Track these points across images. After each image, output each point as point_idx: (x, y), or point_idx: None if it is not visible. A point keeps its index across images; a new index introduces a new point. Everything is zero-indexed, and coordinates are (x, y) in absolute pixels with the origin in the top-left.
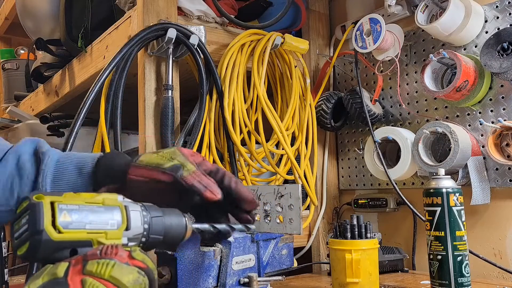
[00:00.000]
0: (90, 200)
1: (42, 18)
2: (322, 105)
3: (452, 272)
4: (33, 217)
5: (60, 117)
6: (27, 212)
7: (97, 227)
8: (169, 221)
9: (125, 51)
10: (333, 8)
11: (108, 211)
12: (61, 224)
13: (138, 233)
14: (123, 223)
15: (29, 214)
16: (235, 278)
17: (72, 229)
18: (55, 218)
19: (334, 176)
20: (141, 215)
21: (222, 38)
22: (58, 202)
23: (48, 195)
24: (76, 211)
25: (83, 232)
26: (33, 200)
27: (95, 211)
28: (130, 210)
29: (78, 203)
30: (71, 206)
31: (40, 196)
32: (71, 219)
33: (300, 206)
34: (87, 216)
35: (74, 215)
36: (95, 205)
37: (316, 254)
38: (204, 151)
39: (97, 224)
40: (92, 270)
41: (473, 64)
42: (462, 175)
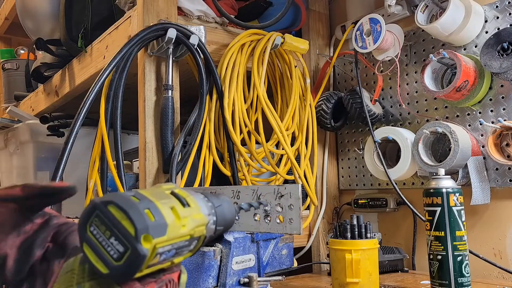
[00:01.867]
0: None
1: (42, 18)
2: (322, 105)
3: (452, 272)
4: (132, 263)
5: (60, 117)
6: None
7: (172, 260)
8: (226, 222)
9: (125, 51)
10: (333, 8)
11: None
12: (148, 266)
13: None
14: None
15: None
16: (235, 278)
17: (152, 267)
18: (147, 263)
19: (334, 176)
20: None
21: (222, 38)
22: (159, 246)
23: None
24: (166, 253)
25: (158, 267)
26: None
27: (180, 247)
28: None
29: (174, 241)
30: (166, 247)
31: (148, 239)
32: (158, 260)
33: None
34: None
35: (162, 257)
36: (183, 240)
37: (316, 254)
38: (204, 151)
39: (174, 258)
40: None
41: (473, 64)
42: (462, 175)
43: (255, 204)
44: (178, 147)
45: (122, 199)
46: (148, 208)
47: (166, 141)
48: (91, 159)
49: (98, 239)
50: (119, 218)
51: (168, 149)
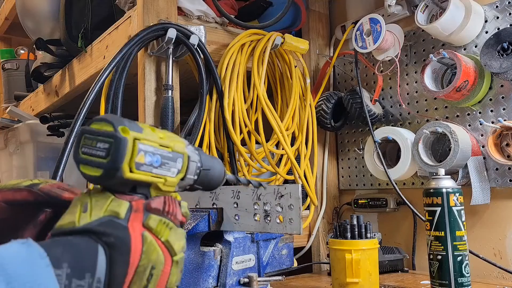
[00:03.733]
0: (163, 143)
1: (42, 18)
2: (322, 105)
3: (452, 272)
4: (115, 151)
5: (60, 117)
6: (109, 140)
7: (161, 173)
8: (213, 173)
9: (125, 51)
10: (333, 8)
11: (173, 158)
12: (136, 164)
13: (187, 183)
14: (181, 173)
15: (111, 145)
16: (235, 278)
17: (142, 170)
18: (132, 157)
19: (334, 176)
20: (196, 166)
21: (222, 38)
22: (138, 140)
23: (132, 130)
24: (150, 154)
25: (148, 175)
26: (119, 133)
27: (164, 156)
28: (191, 160)
29: (154, 145)
30: (148, 147)
31: (125, 129)
32: (144, 161)
33: (300, 206)
34: (157, 160)
35: (148, 158)
36: (165, 150)
37: (316, 254)
38: (204, 151)
39: (162, 170)
40: (152, 227)
41: (473, 64)
42: (462, 175)
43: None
44: None
45: (99, 116)
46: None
47: None
48: None
49: (89, 152)
50: (100, 127)
51: None
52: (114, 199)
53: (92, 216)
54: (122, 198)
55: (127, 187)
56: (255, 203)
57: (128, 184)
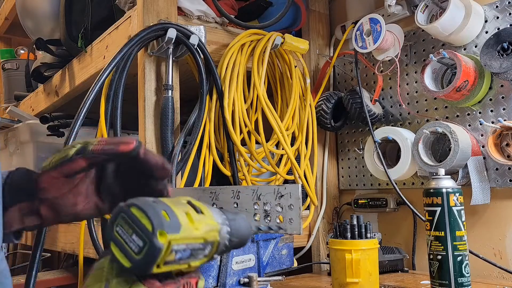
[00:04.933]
0: (197, 235)
1: (42, 18)
2: (322, 105)
3: (452, 272)
4: (149, 255)
5: (60, 117)
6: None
7: (187, 262)
8: (239, 241)
9: (125, 51)
10: (333, 8)
11: (204, 248)
12: (165, 262)
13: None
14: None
15: (146, 247)
16: (235, 278)
17: (169, 265)
18: (163, 258)
19: (334, 176)
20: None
21: (222, 38)
22: (173, 242)
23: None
24: (181, 251)
25: (175, 266)
26: (156, 239)
27: (195, 249)
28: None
29: (188, 241)
30: (181, 246)
31: (163, 234)
32: (174, 258)
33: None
34: (187, 255)
35: (178, 255)
36: (197, 243)
37: (316, 254)
38: (204, 151)
39: (189, 260)
40: None
41: (473, 64)
42: (462, 175)
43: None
44: (178, 147)
45: (143, 201)
46: (165, 210)
47: (166, 141)
48: None
49: (123, 237)
50: (139, 217)
51: (168, 149)
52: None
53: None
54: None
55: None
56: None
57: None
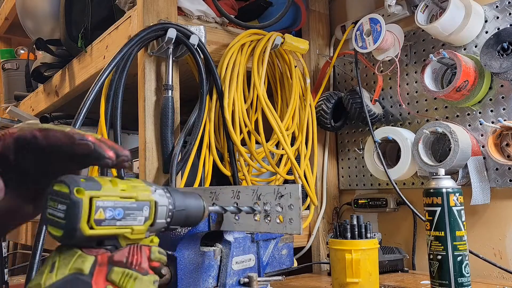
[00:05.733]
0: (125, 195)
1: (42, 18)
2: (322, 105)
3: (452, 272)
4: (71, 213)
5: (60, 117)
6: (65, 201)
7: (126, 224)
8: (188, 211)
9: (125, 51)
10: (333, 8)
11: (139, 207)
12: (95, 221)
13: (160, 227)
14: (150, 220)
15: (68, 207)
16: (235, 278)
17: (104, 225)
18: (91, 215)
19: (334, 176)
20: (167, 210)
21: (222, 38)
22: (96, 198)
23: (88, 189)
24: (110, 208)
25: (112, 228)
26: (74, 196)
27: (127, 207)
28: (159, 205)
29: (114, 199)
30: (107, 203)
31: (81, 191)
32: (104, 217)
33: (300, 206)
34: (120, 213)
35: (108, 213)
36: (128, 201)
37: (316, 254)
38: (204, 151)
39: (127, 221)
40: (115, 280)
41: (473, 64)
42: (462, 175)
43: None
44: (178, 147)
45: (63, 177)
46: (84, 178)
47: (166, 141)
48: None
49: (52, 214)
50: (60, 188)
51: (168, 149)
52: (80, 254)
53: (58, 275)
54: (89, 253)
55: (94, 242)
56: (255, 203)
57: (93, 240)
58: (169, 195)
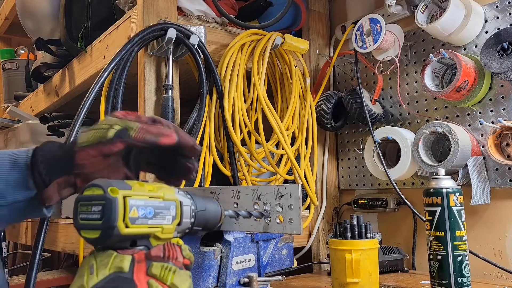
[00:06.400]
0: (153, 195)
1: (42, 18)
2: (322, 105)
3: (452, 272)
4: (109, 212)
5: (60, 117)
6: (101, 202)
7: (156, 223)
8: (209, 213)
9: (125, 51)
10: (333, 8)
11: (166, 207)
12: (130, 220)
13: (185, 227)
14: (177, 219)
15: (104, 207)
16: (235, 278)
17: (138, 224)
18: (126, 213)
19: (334, 176)
20: (190, 210)
21: (222, 38)
22: (129, 197)
23: (121, 189)
24: (142, 207)
25: (145, 227)
26: (109, 194)
27: (156, 206)
28: (184, 205)
29: (144, 198)
30: (139, 202)
31: (114, 190)
32: (138, 215)
33: (300, 206)
34: (150, 212)
35: (140, 211)
36: (156, 200)
37: (316, 254)
38: (204, 151)
39: (157, 220)
40: (156, 274)
41: (473, 64)
42: (462, 175)
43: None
44: None
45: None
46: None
47: None
48: None
49: (86, 218)
50: (92, 192)
51: None
52: (117, 255)
53: (99, 275)
54: (125, 253)
55: (128, 242)
56: (255, 203)
57: (127, 240)
58: (190, 197)
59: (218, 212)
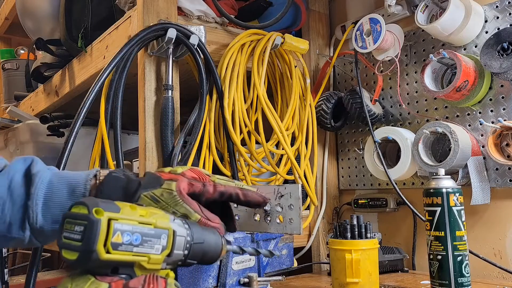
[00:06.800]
0: (143, 220)
1: (42, 18)
2: (322, 105)
3: (452, 272)
4: (89, 233)
5: (60, 117)
6: (83, 223)
7: (143, 251)
8: (207, 247)
9: (125, 51)
10: (333, 8)
11: (157, 235)
12: (112, 245)
13: (177, 259)
14: (167, 249)
15: (85, 228)
16: (235, 278)
17: (121, 250)
18: (108, 238)
19: (334, 176)
20: (185, 241)
21: (222, 38)
22: (114, 220)
23: (107, 211)
24: (128, 232)
25: (129, 254)
26: (92, 216)
27: (145, 234)
28: (177, 235)
29: (132, 223)
30: (125, 226)
31: (99, 211)
32: (122, 241)
33: (300, 206)
34: (137, 239)
35: (125, 237)
36: (146, 227)
37: (316, 254)
38: (204, 151)
39: (144, 248)
40: None
41: (473, 64)
42: (462, 175)
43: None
44: (178, 147)
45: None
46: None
47: (166, 141)
48: (91, 159)
49: (68, 237)
50: (78, 210)
51: (168, 149)
52: (94, 281)
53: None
54: (103, 280)
55: (108, 269)
56: None
57: (108, 266)
58: (188, 227)
59: (218, 245)
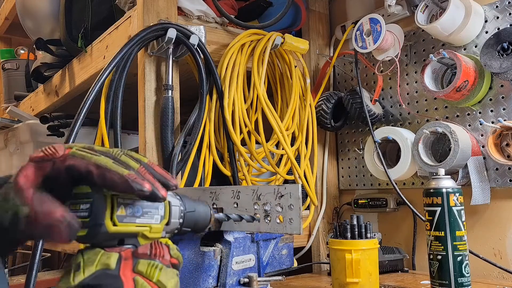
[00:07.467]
0: None
1: (42, 18)
2: (322, 105)
3: (452, 272)
4: (96, 209)
5: (60, 117)
6: (88, 200)
7: (144, 222)
8: (198, 215)
9: (125, 51)
10: (333, 8)
11: (155, 206)
12: (118, 218)
13: (174, 227)
14: (165, 218)
15: (92, 205)
16: (235, 278)
17: (125, 222)
18: (113, 211)
19: (334, 176)
20: (179, 210)
21: (222, 38)
22: (116, 195)
23: None
24: (130, 205)
25: (133, 226)
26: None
27: (144, 206)
28: (172, 205)
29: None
30: (127, 200)
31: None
32: (125, 213)
33: (300, 206)
34: (138, 210)
35: (128, 210)
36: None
37: (316, 254)
38: (204, 151)
39: (145, 218)
40: (143, 271)
41: (473, 64)
42: (462, 175)
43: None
44: (178, 147)
45: None
46: None
47: (166, 141)
48: None
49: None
50: (81, 190)
51: (168, 149)
52: (104, 253)
53: (86, 272)
54: (112, 251)
55: (115, 241)
56: (255, 203)
57: (115, 238)
58: (179, 198)
59: (207, 214)
